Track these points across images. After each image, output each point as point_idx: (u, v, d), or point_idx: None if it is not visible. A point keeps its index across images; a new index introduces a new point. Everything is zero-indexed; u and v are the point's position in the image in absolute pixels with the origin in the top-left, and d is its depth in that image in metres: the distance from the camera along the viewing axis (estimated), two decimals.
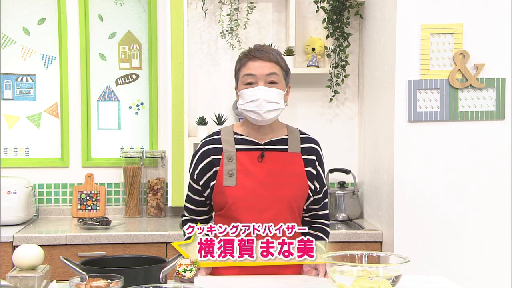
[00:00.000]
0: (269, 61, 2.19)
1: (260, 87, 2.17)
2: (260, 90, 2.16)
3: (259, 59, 2.19)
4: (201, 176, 2.27)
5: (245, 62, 2.21)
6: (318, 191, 2.32)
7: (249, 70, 2.19)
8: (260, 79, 2.18)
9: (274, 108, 2.18)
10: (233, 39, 3.80)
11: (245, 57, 2.23)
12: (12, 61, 3.89)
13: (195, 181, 2.30)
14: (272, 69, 2.19)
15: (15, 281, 1.96)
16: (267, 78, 2.18)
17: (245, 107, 2.19)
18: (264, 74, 2.18)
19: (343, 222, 3.74)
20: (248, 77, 2.19)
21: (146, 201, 3.88)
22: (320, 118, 3.95)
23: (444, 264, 3.15)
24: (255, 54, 2.20)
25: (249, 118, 2.23)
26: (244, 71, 2.21)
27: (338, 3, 3.71)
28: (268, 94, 2.16)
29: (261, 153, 2.24)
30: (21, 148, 3.91)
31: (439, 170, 3.16)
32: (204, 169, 2.25)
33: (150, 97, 3.95)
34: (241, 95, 2.21)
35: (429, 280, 2.14)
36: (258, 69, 2.18)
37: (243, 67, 2.22)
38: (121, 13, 3.93)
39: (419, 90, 3.14)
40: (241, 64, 2.23)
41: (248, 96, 2.18)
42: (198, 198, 2.32)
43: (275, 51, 2.24)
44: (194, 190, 2.32)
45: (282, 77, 2.22)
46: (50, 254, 3.14)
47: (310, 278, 2.23)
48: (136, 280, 1.84)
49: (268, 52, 2.21)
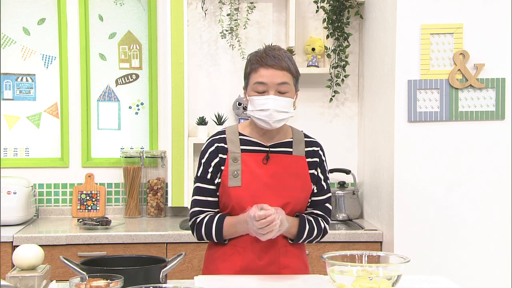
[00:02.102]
0: (281, 70, 2.17)
1: (270, 96, 2.15)
2: (270, 100, 2.15)
3: (271, 68, 2.16)
4: (216, 173, 2.23)
5: (257, 68, 2.18)
6: (316, 193, 2.31)
7: (261, 78, 2.16)
8: (271, 88, 2.16)
9: (284, 117, 2.19)
10: (233, 39, 3.80)
11: (257, 63, 2.19)
12: (12, 61, 3.89)
13: (209, 181, 2.24)
14: (284, 78, 2.17)
15: (15, 281, 1.96)
16: (278, 87, 2.17)
17: (255, 115, 2.19)
18: (275, 83, 2.16)
19: (343, 222, 3.74)
20: (259, 86, 2.17)
21: (146, 201, 3.88)
22: (320, 118, 3.95)
23: (444, 264, 3.15)
24: (268, 62, 2.16)
25: (257, 123, 2.22)
26: (255, 77, 2.18)
27: (338, 3, 3.71)
28: (278, 104, 2.16)
29: (266, 155, 2.24)
30: (21, 148, 3.91)
31: (439, 170, 3.16)
32: (217, 166, 2.23)
33: (150, 97, 3.95)
34: (251, 101, 2.19)
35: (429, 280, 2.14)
36: (270, 78, 2.16)
37: (254, 72, 2.19)
38: (121, 13, 3.93)
39: (419, 90, 3.14)
40: (252, 69, 2.20)
41: (258, 105, 2.17)
42: (212, 199, 2.26)
43: (287, 57, 2.21)
44: (208, 191, 2.25)
45: (292, 85, 2.21)
46: (50, 254, 3.14)
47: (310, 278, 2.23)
48: (136, 280, 1.84)
49: (280, 59, 2.17)
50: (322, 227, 2.29)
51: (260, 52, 2.22)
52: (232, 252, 2.23)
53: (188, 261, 3.26)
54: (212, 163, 2.24)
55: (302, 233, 2.22)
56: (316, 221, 2.28)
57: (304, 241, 2.27)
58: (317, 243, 2.41)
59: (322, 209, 2.32)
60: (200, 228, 2.23)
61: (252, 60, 2.22)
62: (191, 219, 2.28)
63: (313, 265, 3.27)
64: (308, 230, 2.23)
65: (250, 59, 2.23)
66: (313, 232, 2.25)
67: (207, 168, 2.25)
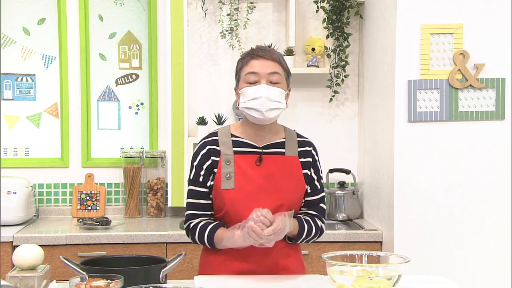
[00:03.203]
0: (272, 61, 2.20)
1: (262, 85, 2.16)
2: (262, 88, 2.16)
3: (262, 58, 2.19)
4: (207, 176, 2.23)
5: (248, 61, 2.21)
6: (310, 192, 2.31)
7: (252, 69, 2.18)
8: (262, 77, 2.17)
9: (276, 107, 2.17)
10: (233, 39, 3.80)
11: (247, 56, 2.23)
12: (12, 61, 3.89)
13: (202, 184, 2.24)
14: (275, 68, 2.19)
15: (15, 281, 1.96)
16: (269, 77, 2.18)
17: (247, 105, 2.18)
18: (266, 73, 2.17)
19: (343, 222, 3.74)
20: (250, 76, 2.18)
21: (146, 201, 3.88)
22: (320, 118, 3.95)
23: (444, 264, 3.15)
24: (258, 53, 2.20)
25: (250, 117, 2.21)
26: (246, 69, 2.20)
27: (338, 3, 3.71)
28: (270, 92, 2.16)
29: (259, 156, 2.23)
30: (21, 148, 3.91)
31: (439, 170, 3.16)
32: (209, 169, 2.22)
33: (150, 97, 3.95)
34: (243, 93, 2.20)
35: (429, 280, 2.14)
36: (261, 67, 2.18)
37: (246, 65, 2.21)
38: (121, 13, 3.93)
39: (419, 90, 3.14)
40: (243, 63, 2.23)
41: (250, 94, 2.17)
42: (205, 202, 2.25)
43: (277, 53, 2.25)
44: (201, 194, 2.24)
45: (284, 78, 2.22)
46: (50, 254, 3.14)
47: (310, 278, 2.23)
48: (136, 280, 1.84)
49: (270, 52, 2.22)
50: (319, 226, 2.29)
51: (250, 49, 2.26)
52: (229, 255, 2.22)
53: (188, 261, 3.26)
54: (204, 166, 2.23)
55: (302, 233, 2.22)
56: (313, 220, 2.28)
57: (303, 241, 2.27)
58: (317, 243, 2.41)
59: (316, 209, 2.31)
60: (194, 234, 2.23)
61: (242, 56, 2.26)
62: (185, 222, 2.28)
63: (313, 265, 3.27)
64: (307, 230, 2.23)
65: (241, 56, 2.28)
66: (311, 232, 2.25)
67: (199, 171, 2.24)
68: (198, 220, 2.24)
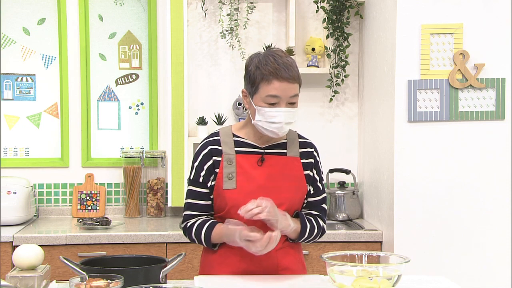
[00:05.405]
0: (294, 82, 2.13)
1: (282, 109, 2.12)
2: (281, 113, 2.12)
3: (286, 81, 2.11)
4: (208, 176, 2.22)
5: (270, 80, 2.11)
6: (313, 193, 2.31)
7: (275, 92, 2.11)
8: (283, 101, 2.13)
9: (291, 126, 2.20)
10: (233, 39, 3.80)
11: (270, 74, 2.11)
12: (12, 61, 3.89)
13: (202, 184, 2.23)
14: (296, 90, 2.15)
15: (15, 281, 1.96)
16: (289, 99, 2.14)
17: (264, 126, 2.15)
18: (288, 96, 2.13)
19: (343, 222, 3.74)
20: (271, 98, 2.12)
21: (146, 201, 3.88)
22: (320, 118, 3.95)
23: (444, 264, 3.15)
24: (283, 75, 2.10)
25: (262, 131, 2.19)
26: (268, 89, 2.11)
27: (338, 3, 3.71)
28: (289, 116, 2.14)
29: (261, 156, 2.23)
30: (21, 148, 3.91)
31: (439, 170, 3.16)
32: (210, 169, 2.22)
33: (150, 97, 3.95)
34: (261, 112, 2.14)
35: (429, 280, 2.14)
36: (284, 91, 2.11)
37: (267, 84, 2.11)
38: (121, 13, 3.93)
39: (419, 90, 3.14)
40: (265, 80, 2.12)
41: (269, 117, 2.13)
42: (204, 202, 2.24)
43: (294, 63, 2.16)
44: (200, 195, 2.24)
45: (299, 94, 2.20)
46: (50, 254, 3.14)
47: (310, 278, 2.23)
48: (136, 280, 1.84)
49: (292, 70, 2.13)
50: (321, 226, 2.29)
51: (270, 61, 2.13)
52: (229, 255, 2.22)
53: (188, 261, 3.26)
54: (204, 166, 2.22)
55: (304, 232, 2.22)
56: (315, 220, 2.28)
57: (305, 240, 2.27)
58: (317, 243, 2.41)
59: (318, 209, 2.32)
60: (190, 233, 2.23)
61: (262, 69, 2.13)
62: (183, 222, 2.28)
63: (313, 265, 3.27)
64: (309, 229, 2.23)
65: (259, 67, 2.14)
66: (313, 231, 2.25)
67: (199, 172, 2.23)
68: (194, 220, 2.24)
